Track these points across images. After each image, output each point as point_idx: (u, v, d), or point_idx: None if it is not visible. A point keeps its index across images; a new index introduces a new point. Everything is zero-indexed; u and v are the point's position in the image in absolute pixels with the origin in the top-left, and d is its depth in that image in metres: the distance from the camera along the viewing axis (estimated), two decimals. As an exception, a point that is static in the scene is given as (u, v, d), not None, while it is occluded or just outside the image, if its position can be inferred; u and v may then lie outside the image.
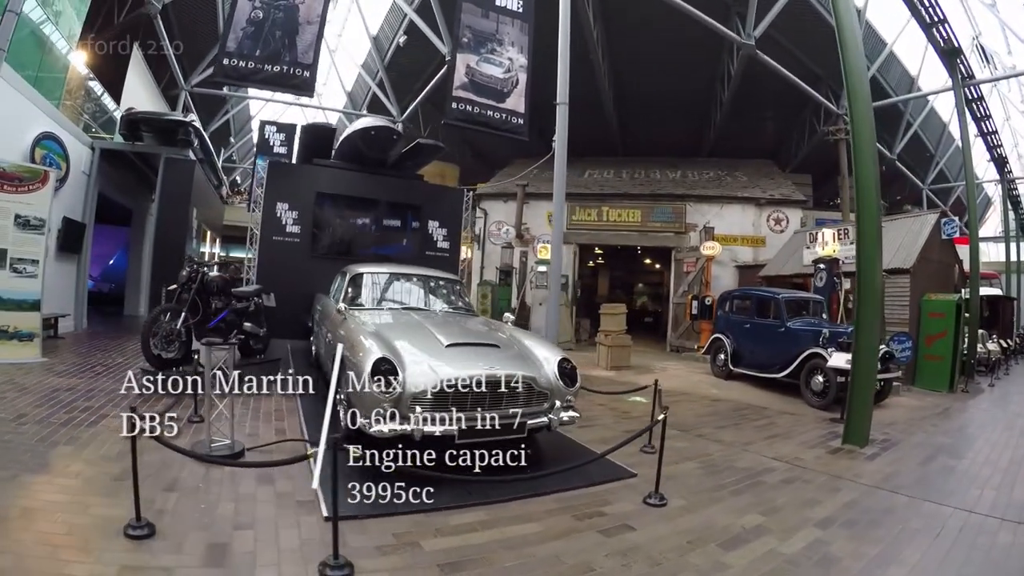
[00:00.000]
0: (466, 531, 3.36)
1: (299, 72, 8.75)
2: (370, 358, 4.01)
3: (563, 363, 4.65)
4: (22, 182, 7.63)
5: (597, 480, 4.33)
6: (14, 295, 7.49)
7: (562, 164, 8.68)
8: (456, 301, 6.51)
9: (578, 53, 14.65)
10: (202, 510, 3.39)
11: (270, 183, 9.33)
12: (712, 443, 5.75)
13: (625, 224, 16.41)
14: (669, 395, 8.08)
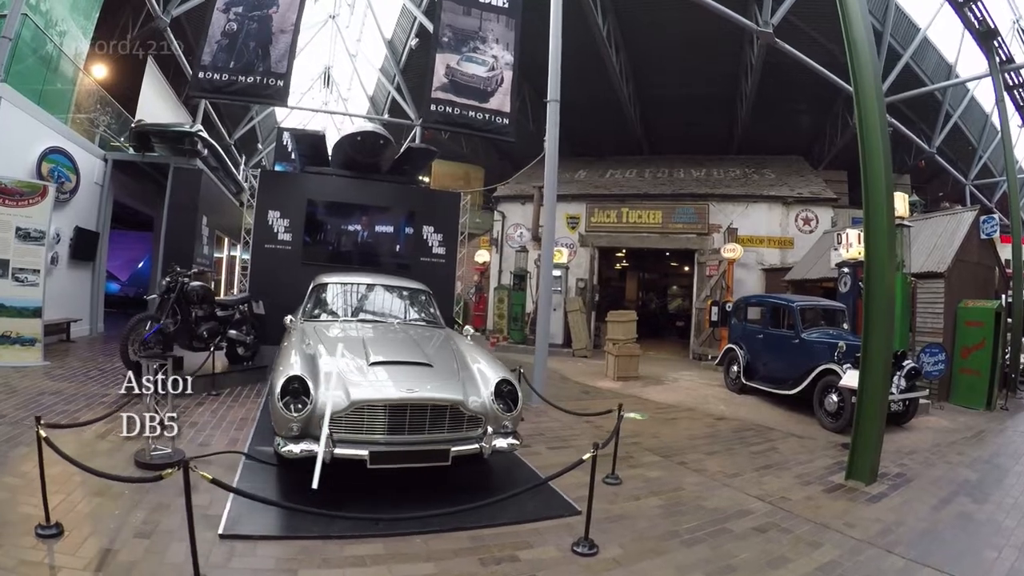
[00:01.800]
0: (353, 564, 3.30)
1: (272, 82, 9.09)
2: (281, 377, 4.08)
3: (502, 385, 4.48)
4: (22, 196, 8.33)
5: (529, 517, 4.06)
6: (16, 302, 8.21)
7: (553, 164, 8.68)
8: (420, 312, 6.55)
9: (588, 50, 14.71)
10: (115, 516, 3.67)
11: (261, 191, 9.73)
12: (691, 473, 5.37)
13: (646, 226, 16.24)
14: (671, 411, 8.16)
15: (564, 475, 3.77)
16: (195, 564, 2.93)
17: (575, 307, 14.78)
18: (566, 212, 16.96)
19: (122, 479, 3.44)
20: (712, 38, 14.37)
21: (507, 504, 3.94)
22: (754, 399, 9.23)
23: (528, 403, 7.27)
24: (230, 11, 9.07)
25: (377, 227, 10.25)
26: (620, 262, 22.01)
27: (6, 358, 7.95)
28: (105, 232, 12.30)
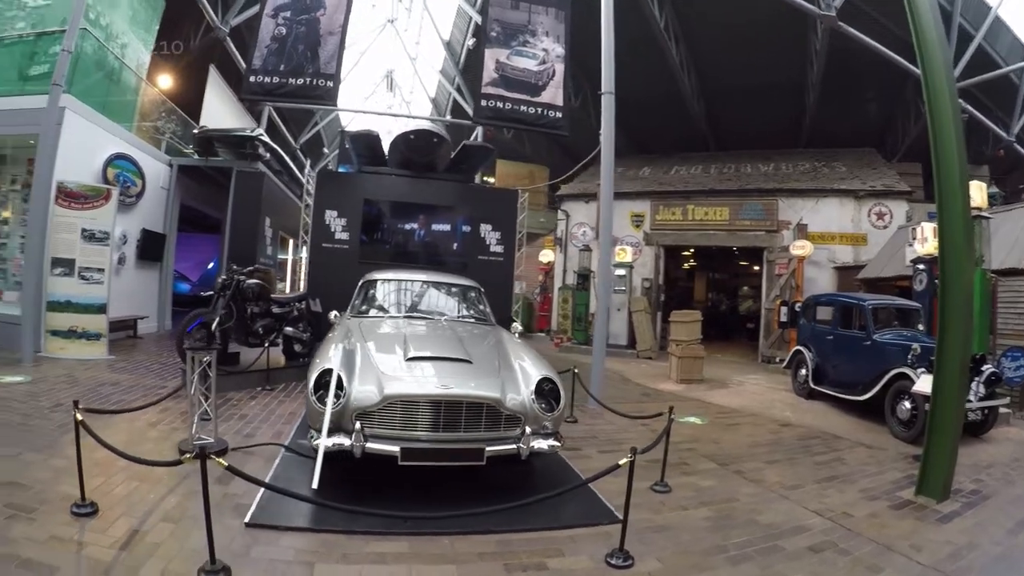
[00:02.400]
0: (373, 561, 3.28)
1: (322, 83, 9.32)
2: (315, 371, 4.12)
3: (543, 383, 4.35)
4: (87, 200, 8.91)
5: (565, 523, 3.89)
6: (82, 299, 8.81)
7: (609, 159, 8.48)
8: (469, 309, 6.51)
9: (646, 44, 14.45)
10: (149, 500, 3.84)
11: (318, 191, 9.99)
12: (747, 483, 5.03)
13: (712, 223, 15.78)
14: (733, 416, 7.90)
15: (610, 481, 3.68)
16: (211, 549, 2.99)
17: (639, 307, 14.52)
18: (631, 210, 16.72)
19: (144, 461, 3.52)
20: (774, 25, 13.82)
21: (542, 508, 3.84)
22: (822, 405, 8.78)
23: (584, 405, 7.32)
24: (278, 16, 9.39)
25: (434, 226, 10.37)
26: (687, 261, 21.55)
27: (72, 351, 8.55)
28: (172, 234, 12.99)
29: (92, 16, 10.35)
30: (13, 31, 10.28)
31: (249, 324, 8.19)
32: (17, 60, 10.18)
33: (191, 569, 2.99)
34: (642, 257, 16.38)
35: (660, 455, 4.74)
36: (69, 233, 8.68)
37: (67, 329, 8.60)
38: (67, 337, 8.59)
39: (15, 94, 9.62)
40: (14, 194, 9.62)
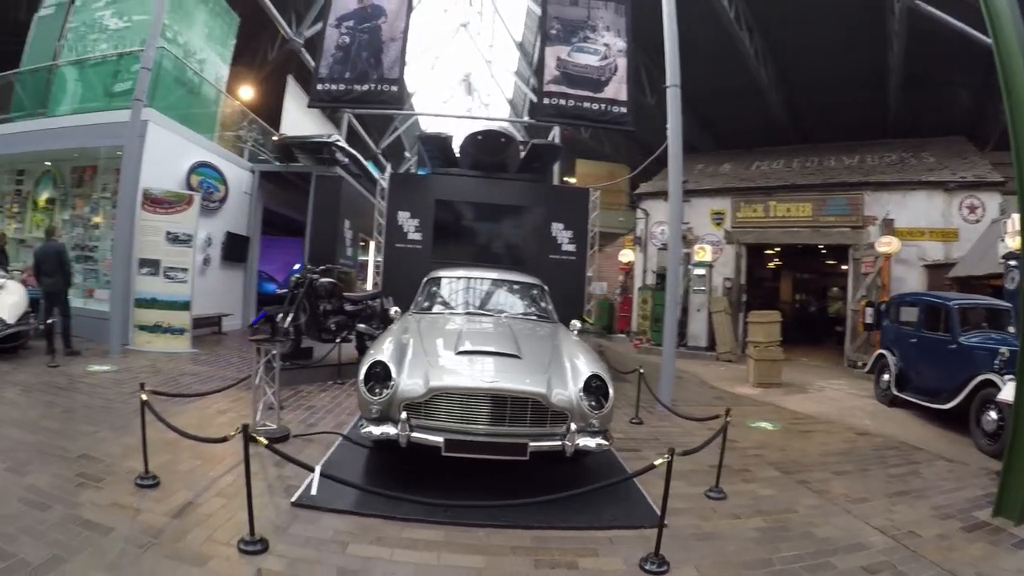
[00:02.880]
0: (405, 546, 3.39)
1: (386, 88, 9.61)
2: (367, 362, 4.29)
3: (592, 380, 4.31)
4: (170, 205, 9.70)
5: (606, 523, 3.85)
6: (167, 297, 9.59)
7: (677, 154, 8.32)
8: (531, 306, 6.57)
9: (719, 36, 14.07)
10: (208, 477, 4.20)
11: (391, 193, 10.33)
12: (810, 494, 4.78)
13: (795, 219, 15.10)
14: (807, 423, 7.62)
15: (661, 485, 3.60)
16: (251, 523, 3.26)
17: (720, 308, 14.14)
18: (711, 208, 16.35)
19: (195, 437, 3.82)
20: (849, 7, 13.10)
21: (584, 507, 3.92)
22: (905, 413, 8.25)
23: (652, 408, 7.30)
24: (341, 25, 9.78)
25: (505, 225, 10.45)
26: (772, 261, 20.76)
27: (158, 344, 9.33)
28: (255, 236, 13.80)
29: (169, 35, 11.31)
30: (97, 52, 11.37)
31: (322, 320, 8.58)
32: (102, 79, 11.26)
33: (232, 539, 3.25)
34: (723, 256, 15.91)
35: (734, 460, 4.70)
36: (155, 236, 9.48)
37: (153, 324, 9.37)
38: (153, 331, 9.36)
39: (102, 110, 10.60)
40: (105, 201, 10.56)
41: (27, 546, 3.04)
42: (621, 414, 7.02)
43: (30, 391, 6.29)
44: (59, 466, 4.18)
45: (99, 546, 3.12)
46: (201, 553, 3.14)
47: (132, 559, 3.02)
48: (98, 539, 3.19)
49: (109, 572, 2.89)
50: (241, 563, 3.08)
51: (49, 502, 3.58)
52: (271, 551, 3.21)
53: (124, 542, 3.18)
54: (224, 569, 3.00)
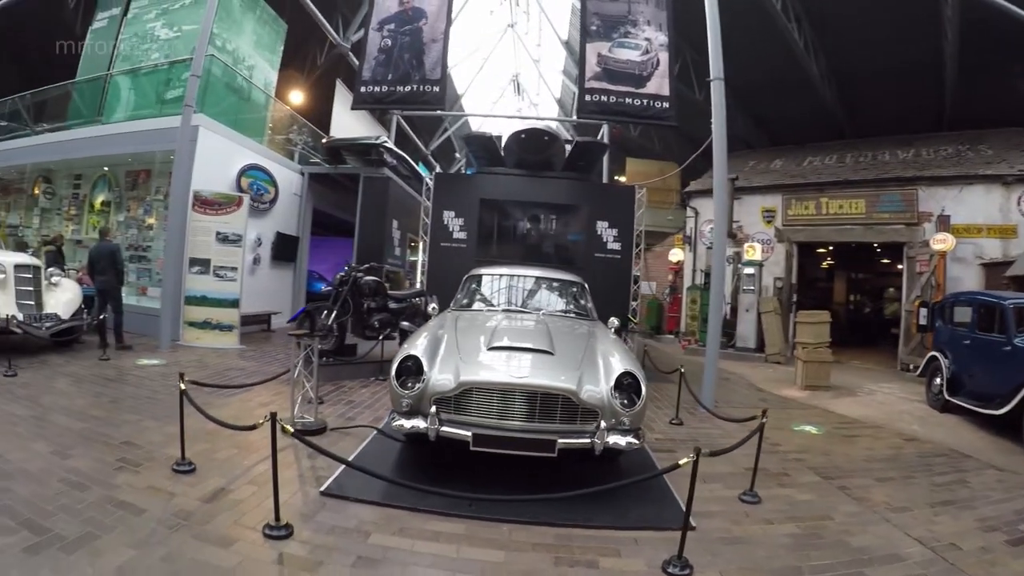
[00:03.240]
0: (427, 538, 3.41)
1: (428, 88, 9.71)
2: (399, 356, 4.33)
3: (623, 378, 4.23)
4: (220, 206, 9.99)
5: (632, 523, 3.77)
6: (217, 295, 9.88)
7: (721, 148, 8.12)
8: (570, 303, 6.57)
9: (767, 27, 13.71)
10: (243, 465, 4.31)
11: (436, 192, 10.39)
12: (848, 501, 4.56)
13: (847, 217, 14.54)
14: (854, 427, 7.36)
15: (699, 487, 3.54)
16: (276, 509, 3.34)
17: (769, 308, 13.73)
18: (761, 205, 15.95)
19: (227, 425, 3.92)
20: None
21: (611, 506, 3.88)
22: (957, 419, 7.81)
23: (694, 409, 7.20)
24: (383, 29, 9.95)
25: (549, 224, 10.42)
26: (825, 260, 20.11)
27: (207, 340, 9.64)
28: (305, 236, 14.08)
29: (219, 43, 11.75)
30: (149, 61, 11.88)
31: (365, 318, 8.68)
32: (155, 86, 11.74)
33: (259, 524, 3.33)
34: (773, 255, 15.51)
35: (760, 464, 4.49)
36: (205, 236, 9.80)
37: (202, 321, 9.68)
38: (202, 328, 9.68)
39: (154, 116, 11.06)
40: (158, 203, 10.98)
41: (62, 522, 3.20)
42: (661, 414, 6.92)
43: (80, 382, 6.58)
44: (101, 451, 4.37)
45: (130, 525, 3.25)
46: (227, 536, 3.22)
47: (160, 538, 3.12)
48: (130, 519, 3.32)
49: (136, 549, 2.99)
50: (265, 547, 3.14)
51: (88, 483, 3.75)
52: (295, 537, 3.27)
53: (155, 523, 3.30)
54: (247, 552, 3.07)
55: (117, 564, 2.85)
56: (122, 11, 13.09)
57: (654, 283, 20.75)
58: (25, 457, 4.12)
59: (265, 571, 2.91)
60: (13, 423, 4.90)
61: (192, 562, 2.93)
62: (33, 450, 4.27)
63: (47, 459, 4.11)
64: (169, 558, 2.94)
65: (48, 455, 4.19)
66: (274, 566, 2.97)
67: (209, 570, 2.88)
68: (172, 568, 2.86)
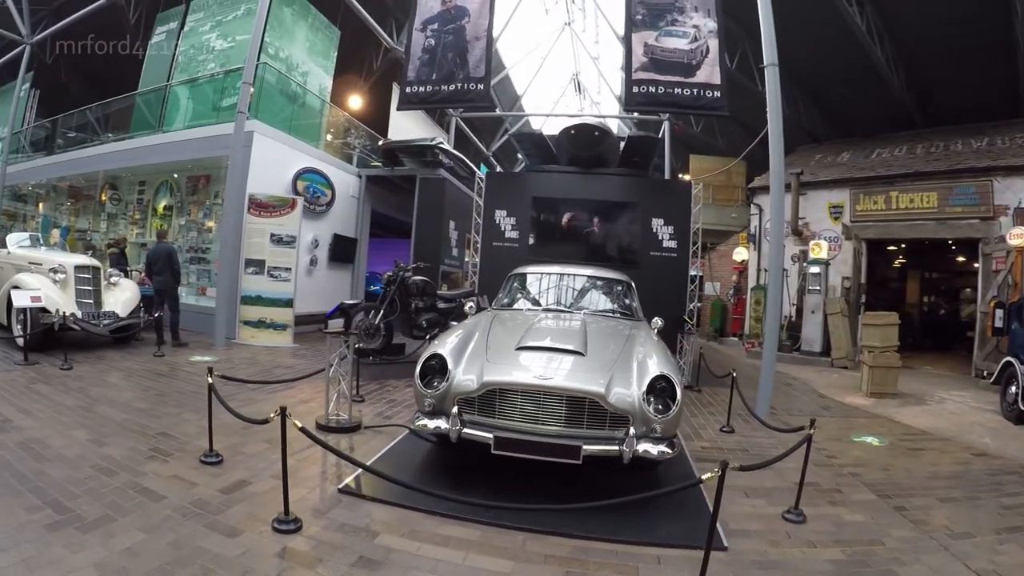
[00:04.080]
0: (436, 542, 3.32)
1: (472, 86, 9.77)
2: (425, 354, 4.28)
3: (657, 382, 3.99)
4: (274, 208, 10.30)
5: (658, 540, 3.47)
6: (271, 295, 10.21)
7: (778, 141, 7.73)
8: (614, 303, 6.39)
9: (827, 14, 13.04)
10: (270, 459, 4.33)
11: (488, 192, 10.38)
12: (904, 524, 4.08)
13: (918, 211, 13.64)
14: (919, 439, 6.78)
15: (740, 503, 3.69)
16: (286, 502, 3.35)
17: (835, 309, 13.10)
18: (828, 201, 15.24)
19: (242, 417, 3.92)
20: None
21: (638, 520, 3.65)
22: (1036, 433, 7.12)
23: (749, 418, 6.78)
24: (427, 29, 10.07)
25: (602, 221, 10.16)
26: (897, 258, 18.95)
27: (261, 339, 9.96)
28: (363, 238, 14.32)
29: (271, 51, 12.17)
30: (205, 72, 12.39)
31: (413, 317, 8.76)
32: (211, 95, 12.26)
33: (271, 517, 3.33)
34: (841, 253, 14.77)
35: (811, 478, 4.18)
36: (260, 238, 10.13)
37: (257, 320, 10.02)
38: (257, 327, 10.01)
39: (211, 123, 11.50)
40: (217, 207, 11.43)
41: (85, 504, 3.34)
42: (713, 421, 6.63)
43: (131, 376, 6.89)
44: (136, 440, 4.53)
45: (147, 511, 3.34)
46: (236, 527, 3.24)
47: (172, 525, 3.20)
48: (148, 505, 3.42)
49: (147, 533, 3.07)
50: (270, 540, 3.14)
51: (117, 470, 3.90)
52: (302, 532, 3.25)
53: (171, 510, 3.38)
54: (252, 543, 3.07)
55: (126, 546, 2.92)
56: (179, 25, 13.83)
57: (718, 284, 20.21)
58: (65, 444, 4.32)
59: (264, 564, 2.90)
60: (60, 412, 5.15)
61: (196, 549, 2.96)
62: (73, 437, 4.48)
63: (84, 446, 4.30)
64: (176, 544, 2.99)
65: (86, 442, 4.39)
66: (274, 559, 2.95)
67: (210, 558, 2.89)
68: (176, 553, 2.90)
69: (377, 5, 15.82)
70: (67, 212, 15.95)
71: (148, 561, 2.82)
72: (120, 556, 2.84)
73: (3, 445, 4.21)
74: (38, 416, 5.00)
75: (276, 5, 12.19)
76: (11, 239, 9.58)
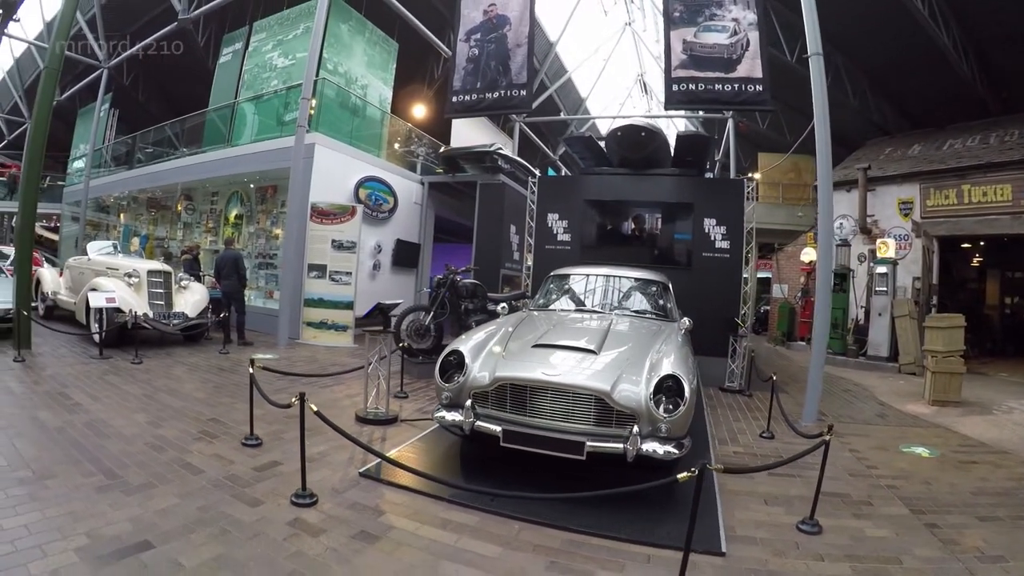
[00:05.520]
0: (435, 525, 3.50)
1: (516, 93, 9.98)
2: (446, 350, 4.54)
3: (665, 381, 3.99)
4: (335, 216, 10.89)
5: (654, 540, 3.42)
6: (333, 297, 10.77)
7: (824, 134, 7.48)
8: (648, 303, 6.43)
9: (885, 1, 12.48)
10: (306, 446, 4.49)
11: (540, 196, 10.57)
12: (932, 543, 3.73)
13: (992, 205, 12.86)
14: (974, 452, 6.30)
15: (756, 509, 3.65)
16: (303, 479, 3.72)
17: (903, 312, 12.40)
18: (897, 197, 14.68)
19: (270, 401, 4.31)
20: None
21: (637, 519, 3.65)
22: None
23: (798, 421, 6.69)
24: (470, 39, 10.39)
25: (654, 223, 10.17)
26: (975, 257, 17.79)
27: (322, 339, 10.53)
28: (427, 243, 14.80)
29: (330, 67, 12.84)
30: (269, 88, 13.19)
31: (464, 319, 9.02)
32: (274, 110, 13.01)
33: (291, 492, 3.69)
34: (912, 252, 14.09)
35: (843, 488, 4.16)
36: (322, 244, 10.75)
37: (319, 321, 10.60)
38: (319, 328, 10.60)
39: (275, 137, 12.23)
40: (283, 215, 12.10)
41: (132, 473, 3.86)
42: (755, 426, 6.51)
43: (195, 370, 7.54)
44: (189, 424, 5.06)
45: (185, 481, 3.80)
46: (258, 498, 3.63)
47: (203, 493, 3.64)
48: (187, 476, 3.89)
49: (180, 499, 3.52)
50: (286, 510, 3.49)
51: (166, 447, 4.42)
52: (316, 507, 3.58)
53: (205, 481, 3.83)
54: (268, 512, 3.44)
55: (161, 507, 3.38)
56: (243, 45, 14.81)
57: (786, 286, 19.62)
58: (125, 424, 4.91)
59: (274, 529, 3.24)
60: (125, 399, 5.79)
61: (219, 513, 3.37)
62: (133, 420, 5.07)
63: (141, 427, 4.87)
64: (203, 508, 3.42)
65: (144, 424, 4.96)
66: (284, 526, 3.29)
67: (229, 521, 3.28)
68: (201, 515, 3.32)
69: (435, 16, 16.34)
70: (146, 222, 17.37)
71: (176, 519, 3.24)
72: (153, 514, 3.28)
73: (71, 424, 4.82)
74: (105, 401, 5.64)
75: (333, 22, 12.90)
76: (91, 247, 10.67)
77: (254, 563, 2.87)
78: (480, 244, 12.47)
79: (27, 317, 7.95)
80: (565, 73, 22.69)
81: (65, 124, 22.42)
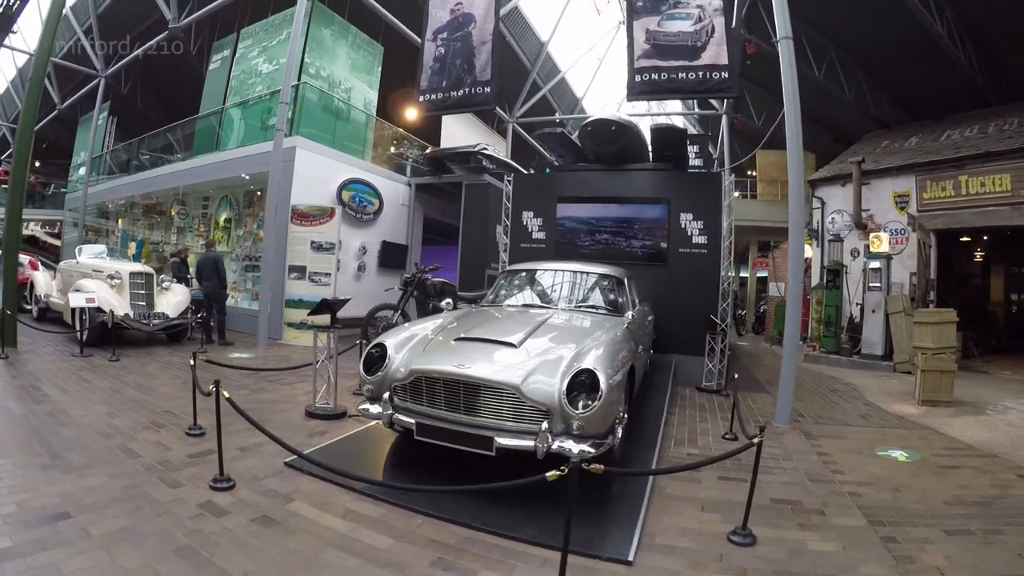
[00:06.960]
0: (338, 514, 3.66)
1: (480, 90, 10.23)
2: (371, 344, 4.72)
3: (579, 375, 3.96)
4: (314, 218, 11.33)
5: (558, 544, 2.97)
6: (312, 298, 10.98)
7: (795, 124, 7.50)
8: (601, 297, 6.48)
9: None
10: (242, 434, 4.96)
11: (515, 194, 10.83)
12: (884, 559, 3.42)
13: (989, 196, 12.73)
14: (959, 455, 6.00)
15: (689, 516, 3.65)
16: (220, 464, 4.08)
17: (897, 308, 12.37)
18: (893, 190, 14.57)
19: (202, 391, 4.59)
20: None
21: (547, 523, 3.49)
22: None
23: (770, 422, 6.77)
24: (436, 38, 10.70)
25: (628, 218, 10.20)
26: (976, 251, 17.66)
27: (304, 339, 10.88)
28: (415, 244, 15.17)
29: (312, 71, 13.32)
30: (254, 94, 13.71)
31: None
32: (259, 115, 13.53)
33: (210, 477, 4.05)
34: (908, 246, 14.06)
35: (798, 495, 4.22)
36: (302, 245, 11.22)
37: (299, 322, 11.03)
38: (299, 328, 11.05)
39: (259, 141, 12.75)
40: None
41: (76, 455, 4.38)
42: (721, 427, 6.48)
43: (168, 367, 8.07)
44: (142, 415, 5.55)
45: (120, 464, 4.26)
46: (181, 481, 4.03)
47: (131, 475, 4.06)
48: (123, 460, 4.35)
49: (110, 478, 3.96)
50: (202, 493, 3.85)
51: (114, 435, 4.91)
52: (232, 492, 3.89)
53: (138, 465, 4.26)
54: (185, 494, 3.83)
55: (90, 485, 3.82)
56: (231, 52, 15.42)
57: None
58: (84, 414, 5.45)
59: (183, 508, 3.60)
60: (91, 392, 6.35)
61: (140, 492, 3.78)
62: (93, 410, 5.61)
63: (98, 417, 5.39)
64: (128, 487, 3.84)
65: (102, 414, 5.48)
66: (193, 507, 3.65)
67: (147, 500, 3.68)
68: (124, 493, 3.74)
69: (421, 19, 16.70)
70: (143, 226, 18.23)
71: (100, 495, 3.68)
72: (81, 491, 3.72)
73: (34, 413, 5.39)
74: (72, 394, 6.20)
75: (315, 27, 13.43)
76: (83, 250, 11.34)
77: (154, 536, 3.22)
78: (465, 245, 12.77)
79: (11, 316, 8.56)
80: (559, 73, 22.95)
81: (69, 132, 23.32)
